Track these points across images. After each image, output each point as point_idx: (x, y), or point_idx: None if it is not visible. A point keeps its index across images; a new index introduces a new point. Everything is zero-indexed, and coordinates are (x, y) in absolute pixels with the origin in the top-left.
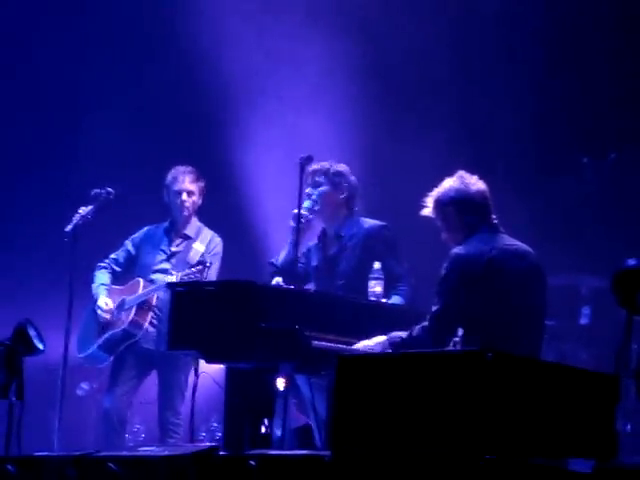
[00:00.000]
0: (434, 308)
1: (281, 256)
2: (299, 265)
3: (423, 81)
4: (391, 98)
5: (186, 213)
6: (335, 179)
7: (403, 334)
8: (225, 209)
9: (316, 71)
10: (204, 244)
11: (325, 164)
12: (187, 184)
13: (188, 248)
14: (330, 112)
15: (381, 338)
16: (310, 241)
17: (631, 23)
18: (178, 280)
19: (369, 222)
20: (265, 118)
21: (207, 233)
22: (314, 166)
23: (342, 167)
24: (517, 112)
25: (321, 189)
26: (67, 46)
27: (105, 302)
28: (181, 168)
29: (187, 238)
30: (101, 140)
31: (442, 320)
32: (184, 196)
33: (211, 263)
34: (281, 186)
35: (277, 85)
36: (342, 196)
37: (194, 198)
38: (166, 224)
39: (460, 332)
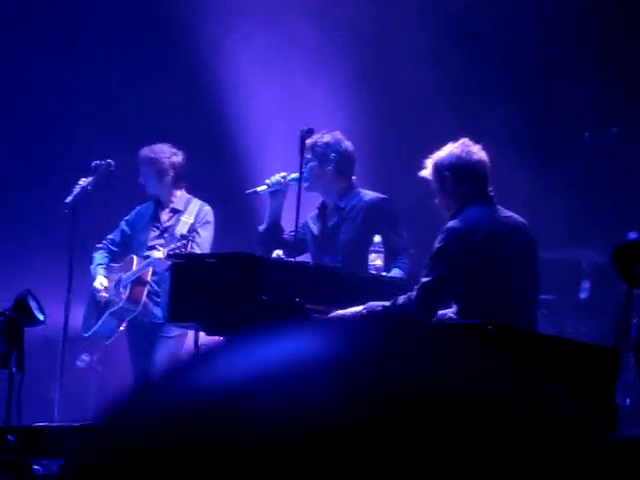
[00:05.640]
0: (424, 279)
1: (265, 222)
2: (290, 233)
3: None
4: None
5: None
6: (321, 152)
7: (386, 303)
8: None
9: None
10: (192, 215)
11: (314, 138)
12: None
13: (177, 221)
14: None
15: (357, 308)
16: (310, 212)
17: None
18: (164, 255)
19: (369, 194)
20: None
21: (195, 204)
22: (307, 141)
23: (329, 137)
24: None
25: (309, 165)
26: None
27: (100, 282)
28: None
29: (176, 212)
30: (102, 111)
31: (432, 292)
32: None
33: (193, 238)
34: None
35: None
36: (330, 167)
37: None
38: (153, 201)
39: (454, 307)
